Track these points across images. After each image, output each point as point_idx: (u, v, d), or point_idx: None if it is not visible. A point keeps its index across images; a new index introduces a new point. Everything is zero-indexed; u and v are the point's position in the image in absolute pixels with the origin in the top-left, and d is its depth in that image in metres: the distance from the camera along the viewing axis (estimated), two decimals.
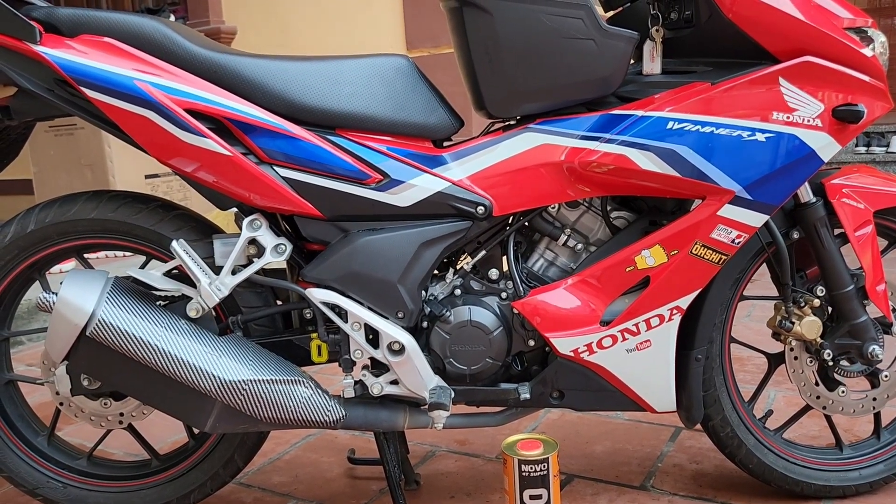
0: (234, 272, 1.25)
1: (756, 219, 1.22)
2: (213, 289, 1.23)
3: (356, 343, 1.27)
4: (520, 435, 1.31)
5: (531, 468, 1.21)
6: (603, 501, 1.49)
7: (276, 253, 1.25)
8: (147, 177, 3.74)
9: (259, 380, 1.20)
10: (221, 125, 1.20)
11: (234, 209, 1.29)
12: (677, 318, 1.28)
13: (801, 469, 1.43)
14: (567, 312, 1.28)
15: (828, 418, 1.47)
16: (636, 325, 1.28)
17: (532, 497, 1.23)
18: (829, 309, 1.39)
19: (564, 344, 1.28)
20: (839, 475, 1.44)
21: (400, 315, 1.27)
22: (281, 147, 1.21)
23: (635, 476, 1.59)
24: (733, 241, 1.23)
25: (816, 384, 1.41)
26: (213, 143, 1.18)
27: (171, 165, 1.21)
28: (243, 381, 1.19)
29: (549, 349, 1.31)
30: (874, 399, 1.43)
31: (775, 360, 1.48)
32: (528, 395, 1.31)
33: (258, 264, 1.25)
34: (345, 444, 1.80)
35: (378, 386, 1.29)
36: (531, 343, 1.32)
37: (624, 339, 1.29)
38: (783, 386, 1.97)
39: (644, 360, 1.30)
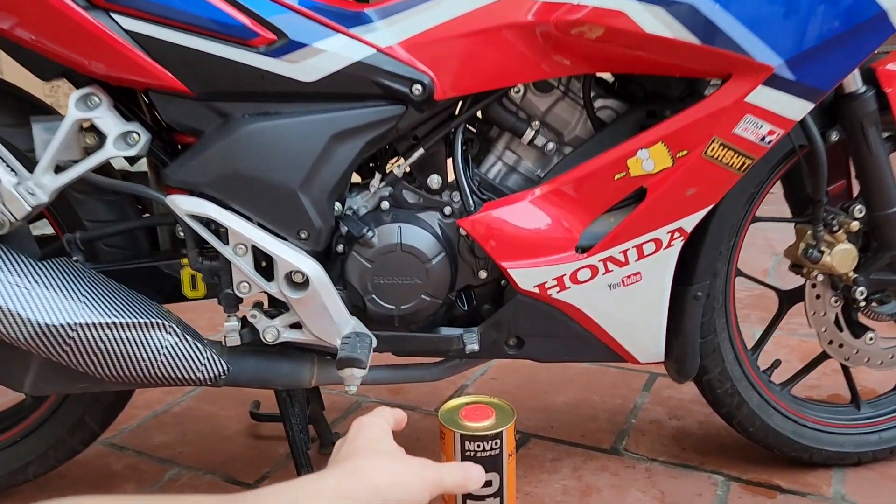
0: (60, 170, 0.88)
1: (797, 109, 0.89)
2: (20, 191, 0.86)
3: (241, 273, 0.92)
4: (463, 398, 0.97)
5: (478, 446, 0.89)
6: (566, 469, 1.21)
7: (123, 144, 0.89)
8: None
9: (93, 324, 0.85)
10: None
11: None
12: (679, 244, 0.97)
13: (812, 433, 1.16)
14: (532, 235, 0.95)
15: (845, 370, 1.20)
16: (624, 252, 0.96)
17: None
18: (864, 236, 1.09)
19: (527, 277, 0.96)
20: (855, 439, 1.18)
21: (303, 235, 0.93)
22: None
23: (605, 436, 1.30)
24: (763, 139, 0.90)
25: (840, 329, 1.12)
26: None
27: None
28: (69, 325, 0.84)
29: (507, 283, 1.00)
30: None
31: (788, 299, 1.18)
32: (476, 346, 0.99)
33: (95, 158, 0.88)
34: (250, 394, 1.47)
35: (273, 331, 0.95)
36: (482, 275, 1.01)
37: (607, 270, 0.97)
38: (784, 328, 1.67)
39: (631, 298, 1.00)
